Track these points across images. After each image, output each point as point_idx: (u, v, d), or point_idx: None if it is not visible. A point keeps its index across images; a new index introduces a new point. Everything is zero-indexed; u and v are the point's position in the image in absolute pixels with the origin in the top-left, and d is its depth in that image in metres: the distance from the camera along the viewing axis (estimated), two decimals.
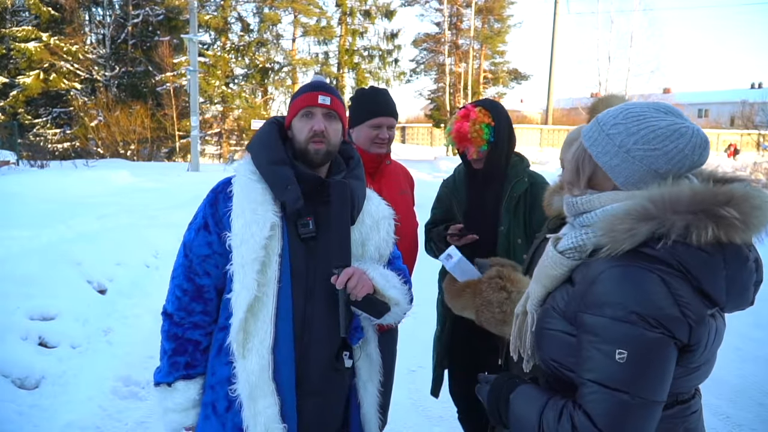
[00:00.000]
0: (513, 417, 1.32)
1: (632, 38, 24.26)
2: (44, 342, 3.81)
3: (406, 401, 3.64)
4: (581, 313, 1.19)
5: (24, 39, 23.36)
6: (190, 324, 1.73)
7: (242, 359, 1.63)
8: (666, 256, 1.13)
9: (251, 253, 1.63)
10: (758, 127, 20.93)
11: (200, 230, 1.73)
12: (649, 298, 1.11)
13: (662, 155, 1.17)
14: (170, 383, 1.73)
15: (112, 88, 25.60)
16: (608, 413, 1.13)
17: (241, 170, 1.75)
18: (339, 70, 31.06)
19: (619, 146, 1.21)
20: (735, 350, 4.44)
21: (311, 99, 1.76)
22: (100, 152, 23.75)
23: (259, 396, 1.61)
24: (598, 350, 1.15)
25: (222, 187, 1.76)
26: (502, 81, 34.04)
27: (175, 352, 1.73)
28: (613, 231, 1.14)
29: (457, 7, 32.47)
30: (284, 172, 1.69)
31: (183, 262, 1.77)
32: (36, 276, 4.52)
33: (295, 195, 1.67)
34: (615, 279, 1.15)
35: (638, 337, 1.11)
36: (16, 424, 3.04)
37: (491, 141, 2.49)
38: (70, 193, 10.84)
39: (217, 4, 27.91)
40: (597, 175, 1.27)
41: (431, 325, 2.76)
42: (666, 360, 1.14)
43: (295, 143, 1.77)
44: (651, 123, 1.19)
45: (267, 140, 1.77)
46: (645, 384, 1.12)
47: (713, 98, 48.99)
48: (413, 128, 33.93)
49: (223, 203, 1.71)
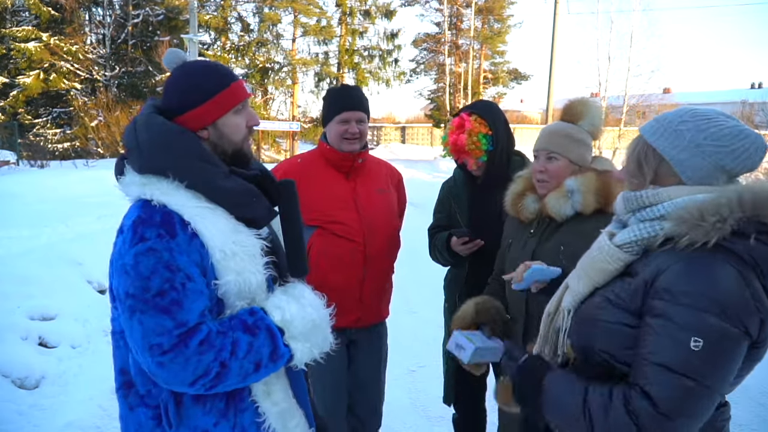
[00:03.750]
0: (550, 400, 1.31)
1: (632, 38, 24.16)
2: (44, 342, 3.81)
3: (406, 401, 3.64)
4: (652, 300, 1.20)
5: (24, 39, 23.34)
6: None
7: (268, 397, 1.48)
8: (741, 251, 1.16)
9: (255, 290, 1.45)
10: (758, 127, 20.92)
11: (185, 285, 1.34)
12: (729, 291, 1.14)
13: (730, 152, 1.23)
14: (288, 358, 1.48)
15: (112, 88, 25.58)
16: (672, 397, 1.14)
17: (180, 201, 1.37)
18: (339, 70, 31.05)
19: (689, 141, 1.25)
20: None
21: (242, 90, 1.52)
22: (100, 152, 23.74)
23: (289, 418, 1.53)
24: (670, 336, 1.16)
25: (170, 227, 1.34)
26: (502, 81, 34.02)
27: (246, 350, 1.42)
28: (702, 222, 1.16)
29: (457, 7, 32.45)
30: (240, 186, 1.45)
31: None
32: (36, 276, 4.51)
33: (265, 205, 1.50)
34: (694, 269, 1.17)
35: (717, 328, 1.13)
36: (16, 424, 3.04)
37: (490, 150, 2.42)
38: (70, 193, 10.84)
39: (217, 4, 27.91)
40: (661, 170, 1.30)
41: (431, 325, 2.75)
42: (738, 354, 1.16)
43: (223, 145, 1.50)
44: (720, 122, 1.25)
45: (198, 153, 1.42)
46: (714, 374, 1.15)
47: (713, 98, 48.84)
48: (413, 128, 33.90)
49: (189, 246, 1.35)
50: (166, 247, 1.32)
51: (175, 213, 1.36)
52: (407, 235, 2.79)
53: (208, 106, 1.46)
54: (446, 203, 2.67)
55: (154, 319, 1.30)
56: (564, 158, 1.94)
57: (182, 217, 1.36)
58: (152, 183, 1.38)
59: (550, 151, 1.98)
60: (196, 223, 1.36)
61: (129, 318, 1.33)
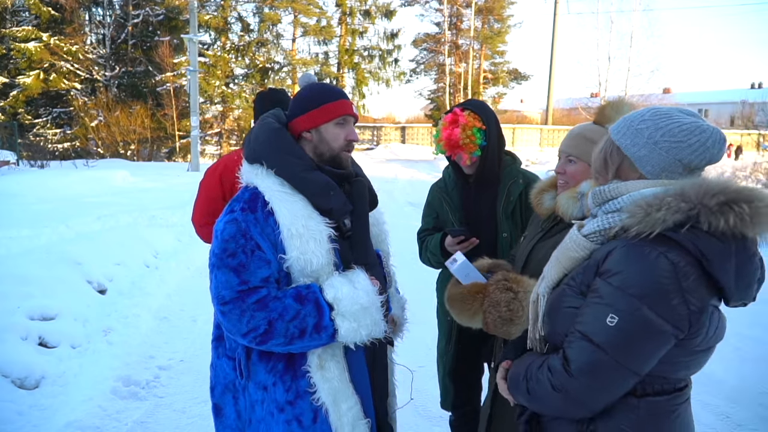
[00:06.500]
0: (510, 378, 1.48)
1: (632, 38, 24.20)
2: (44, 342, 3.81)
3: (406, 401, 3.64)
4: (594, 279, 1.31)
5: (24, 39, 23.36)
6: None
7: (320, 369, 1.64)
8: (685, 240, 1.23)
9: (317, 271, 1.63)
10: (758, 127, 20.91)
11: (254, 252, 1.58)
12: (658, 281, 1.21)
13: (686, 147, 1.31)
14: (332, 333, 1.62)
15: (112, 88, 25.60)
16: (583, 362, 1.27)
17: (267, 185, 1.65)
18: (339, 70, 31.07)
19: (647, 138, 1.34)
20: (734, 350, 4.43)
21: (347, 108, 1.76)
22: (100, 152, 23.76)
23: (342, 399, 1.66)
24: (595, 309, 1.28)
25: (254, 204, 1.63)
26: (502, 81, 34.04)
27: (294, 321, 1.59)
28: (648, 214, 1.25)
29: (457, 7, 32.47)
30: (321, 179, 1.67)
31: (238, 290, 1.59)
32: (36, 276, 4.52)
33: (342, 199, 1.69)
34: (630, 254, 1.26)
35: (636, 311, 1.22)
36: (16, 424, 3.04)
37: (484, 145, 2.40)
38: (70, 193, 10.86)
39: (217, 4, 27.91)
40: (623, 167, 1.39)
41: (431, 325, 2.75)
42: (656, 341, 1.23)
43: (322, 148, 1.73)
44: (677, 119, 1.34)
45: (287, 148, 1.70)
46: (627, 353, 1.24)
47: (713, 98, 48.96)
48: (413, 128, 33.88)
49: (265, 222, 1.61)
50: (245, 219, 1.60)
51: (261, 194, 1.63)
52: (407, 235, 2.79)
53: (313, 114, 1.73)
54: (436, 206, 2.63)
55: (225, 275, 1.58)
56: (582, 162, 1.94)
57: (265, 198, 1.62)
58: (253, 170, 1.68)
59: (569, 153, 1.99)
60: (274, 204, 1.61)
61: (211, 272, 1.62)
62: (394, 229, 2.13)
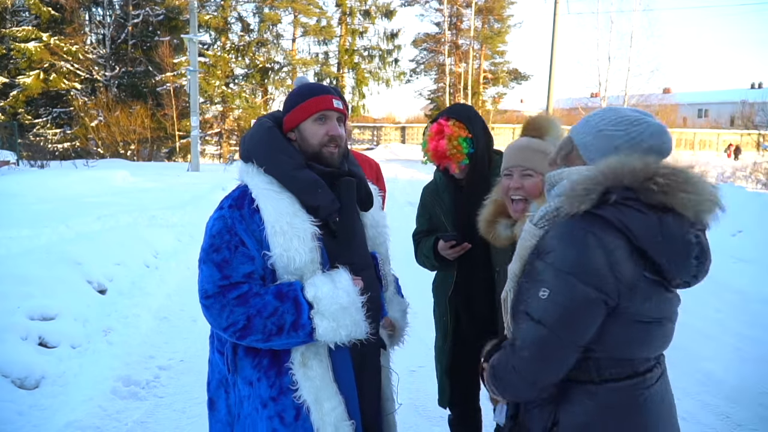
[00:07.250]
0: (486, 372, 1.52)
1: (632, 38, 24.19)
2: (44, 342, 3.81)
3: (406, 401, 3.64)
4: (535, 261, 1.38)
5: (24, 39, 23.35)
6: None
7: (303, 367, 1.64)
8: (611, 217, 1.29)
9: (301, 268, 1.63)
10: (758, 127, 20.90)
11: (238, 248, 1.62)
12: (585, 255, 1.28)
13: (624, 135, 1.39)
14: (310, 332, 1.61)
15: (112, 88, 25.59)
16: (526, 338, 1.34)
17: (255, 182, 1.67)
18: (339, 70, 31.06)
19: (593, 126, 1.44)
20: (734, 350, 4.44)
21: (326, 103, 1.73)
22: (100, 152, 23.75)
23: (324, 399, 1.64)
24: (532, 287, 1.35)
25: (241, 201, 1.66)
26: (502, 81, 34.04)
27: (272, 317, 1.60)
28: (573, 195, 1.33)
29: (457, 7, 32.47)
30: (309, 176, 1.68)
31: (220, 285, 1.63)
32: (36, 276, 4.51)
33: (330, 197, 1.69)
34: (560, 233, 1.34)
35: (566, 283, 1.29)
36: (16, 424, 3.04)
37: (471, 152, 2.40)
38: (70, 193, 10.85)
39: (217, 4, 27.91)
40: (572, 155, 1.48)
41: (431, 325, 2.75)
42: (589, 310, 1.29)
43: (304, 146, 1.74)
44: (622, 113, 1.43)
45: (278, 146, 1.71)
46: (563, 325, 1.30)
47: (713, 98, 48.96)
48: (413, 128, 33.88)
49: (251, 219, 1.64)
50: (232, 215, 1.64)
51: (250, 191, 1.66)
52: (406, 235, 2.79)
53: (294, 112, 1.75)
54: (429, 207, 2.63)
55: (209, 270, 1.62)
56: (539, 174, 1.91)
57: (252, 195, 1.65)
58: (246, 168, 1.71)
59: (525, 167, 1.96)
60: (260, 201, 1.64)
61: (198, 266, 1.67)
62: (393, 229, 2.12)
